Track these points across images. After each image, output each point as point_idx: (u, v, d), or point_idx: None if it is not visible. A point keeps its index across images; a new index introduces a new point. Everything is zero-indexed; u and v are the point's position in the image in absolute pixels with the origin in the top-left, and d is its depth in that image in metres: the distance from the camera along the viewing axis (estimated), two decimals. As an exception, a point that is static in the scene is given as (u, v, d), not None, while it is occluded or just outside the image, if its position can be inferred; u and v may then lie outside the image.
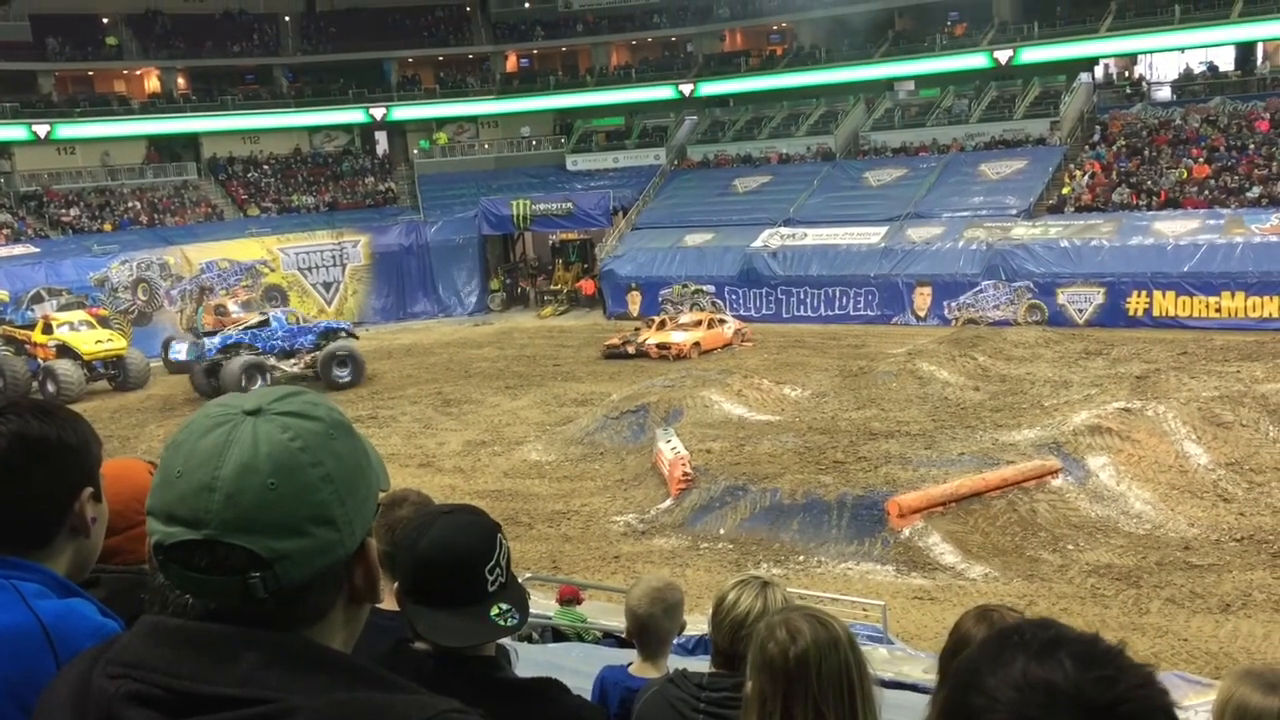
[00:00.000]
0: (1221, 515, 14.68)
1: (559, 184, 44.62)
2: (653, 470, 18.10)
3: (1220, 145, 34.28)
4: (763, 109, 45.65)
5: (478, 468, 20.06)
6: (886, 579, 13.56)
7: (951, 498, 14.78)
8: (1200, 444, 16.51)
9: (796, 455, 17.25)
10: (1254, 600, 11.97)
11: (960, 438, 17.88)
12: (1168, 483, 15.58)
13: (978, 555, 13.87)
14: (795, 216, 37.93)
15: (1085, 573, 13.18)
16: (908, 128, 41.44)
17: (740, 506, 15.78)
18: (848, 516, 14.88)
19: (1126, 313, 29.72)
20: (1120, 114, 37.76)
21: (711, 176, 42.95)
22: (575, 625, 8.07)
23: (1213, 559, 13.28)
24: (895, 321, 32.99)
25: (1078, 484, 15.50)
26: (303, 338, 29.05)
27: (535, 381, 27.40)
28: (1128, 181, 34.21)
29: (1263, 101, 35.43)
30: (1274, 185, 31.60)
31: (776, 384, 22.98)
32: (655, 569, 13.54)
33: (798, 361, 27.07)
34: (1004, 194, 35.36)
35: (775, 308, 35.47)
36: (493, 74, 50.21)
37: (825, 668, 2.03)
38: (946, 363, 23.59)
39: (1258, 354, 22.51)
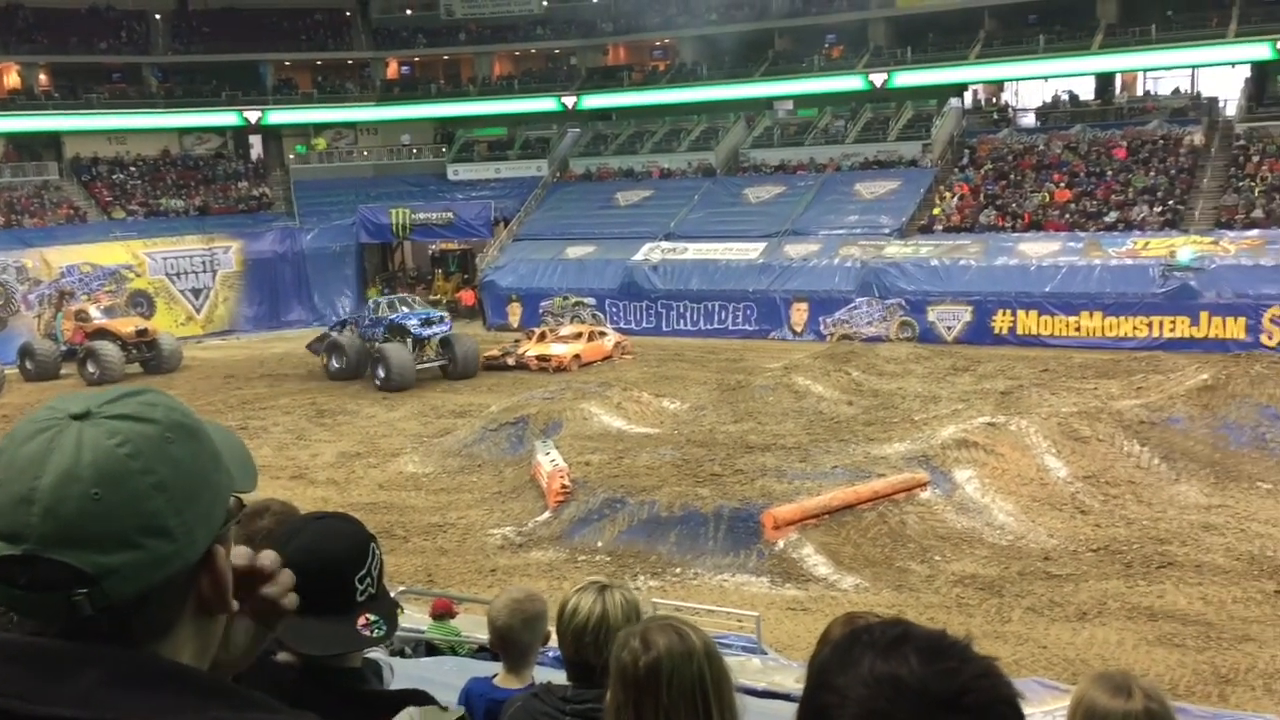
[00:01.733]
0: (1079, 527, 15.25)
1: (440, 193, 44.21)
2: (531, 482, 18.01)
3: (1081, 171, 35.76)
4: (645, 123, 45.97)
5: (352, 480, 19.68)
6: (761, 590, 13.73)
7: (825, 510, 15.05)
8: (1060, 458, 17.15)
9: (674, 468, 17.36)
10: (1108, 609, 12.46)
11: (834, 451, 18.23)
12: (1029, 495, 16.14)
13: (849, 566, 14.15)
14: (676, 231, 38.27)
15: (951, 582, 13.55)
16: (786, 146, 42.22)
17: (618, 519, 15.81)
18: (724, 529, 15.03)
19: (992, 330, 30.74)
20: (988, 138, 39.11)
21: (593, 189, 43.07)
22: (449, 639, 7.96)
23: (1071, 569, 13.79)
24: (773, 336, 33.50)
25: (945, 496, 15.94)
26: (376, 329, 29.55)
27: (413, 392, 27.03)
28: (994, 204, 35.43)
29: (1120, 130, 37.11)
30: (1130, 211, 33.08)
31: (656, 397, 23.12)
32: (532, 582, 13.46)
33: (677, 375, 27.28)
34: (878, 213, 36.26)
35: (655, 321, 35.70)
36: (373, 80, 49.51)
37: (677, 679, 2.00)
38: (822, 377, 24.05)
39: (1114, 372, 23.50)
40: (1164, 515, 15.52)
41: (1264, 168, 33.06)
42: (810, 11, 45.34)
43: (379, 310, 29.90)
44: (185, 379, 29.97)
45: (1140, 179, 34.38)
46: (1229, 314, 28.04)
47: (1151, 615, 12.19)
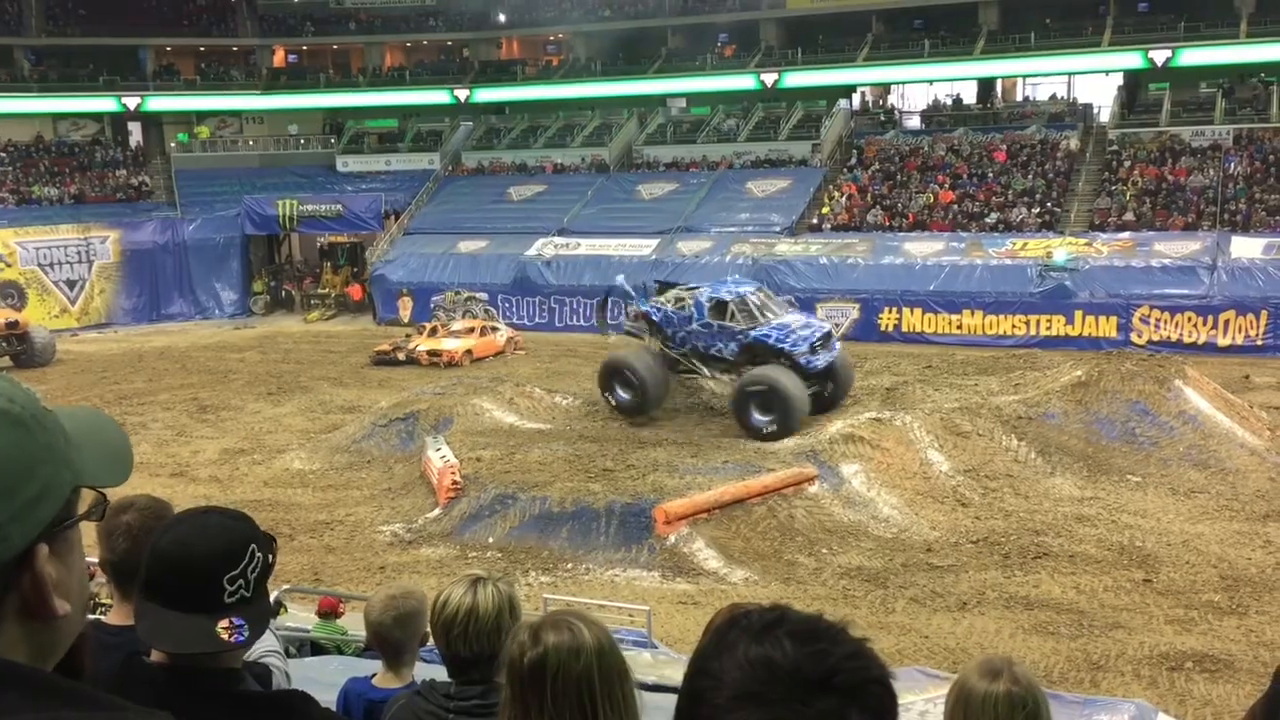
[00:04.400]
0: (960, 519, 15.69)
1: (328, 185, 43.37)
2: (421, 479, 17.82)
3: (963, 173, 36.73)
4: (539, 118, 45.78)
5: (235, 477, 19.22)
6: (653, 584, 13.81)
7: (715, 505, 15.20)
8: (942, 452, 17.60)
9: (567, 463, 17.35)
10: (987, 598, 12.84)
11: (725, 446, 18.44)
12: (913, 488, 16.54)
13: (739, 560, 14.32)
14: (569, 226, 38.20)
15: (838, 575, 13.81)
16: (679, 143, 42.47)
17: (510, 515, 15.74)
18: (616, 524, 15.07)
19: (879, 327, 31.39)
20: (875, 140, 39.90)
21: (486, 183, 42.73)
22: (335, 638, 7.83)
23: (952, 560, 14.18)
24: (665, 332, 33.63)
25: (832, 490, 16.24)
26: (719, 341, 20.14)
27: (300, 388, 26.50)
28: (881, 204, 36.17)
29: (1000, 134, 38.22)
30: (1009, 212, 34.10)
31: (548, 392, 23.05)
32: (422, 579, 13.32)
33: (570, 370, 27.26)
34: (769, 211, 36.73)
35: (548, 316, 35.60)
36: (259, 68, 48.31)
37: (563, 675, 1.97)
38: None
39: (993, 368, 24.17)
40: (1040, 507, 16.04)
41: (1135, 172, 34.38)
42: (702, 10, 45.68)
43: (717, 313, 20.00)
44: (59, 373, 28.88)
45: (1019, 182, 35.47)
46: (1101, 313, 29.14)
47: (1028, 604, 12.60)
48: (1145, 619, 12.07)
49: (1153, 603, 12.53)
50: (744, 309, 19.74)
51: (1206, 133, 35.10)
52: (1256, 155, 33.62)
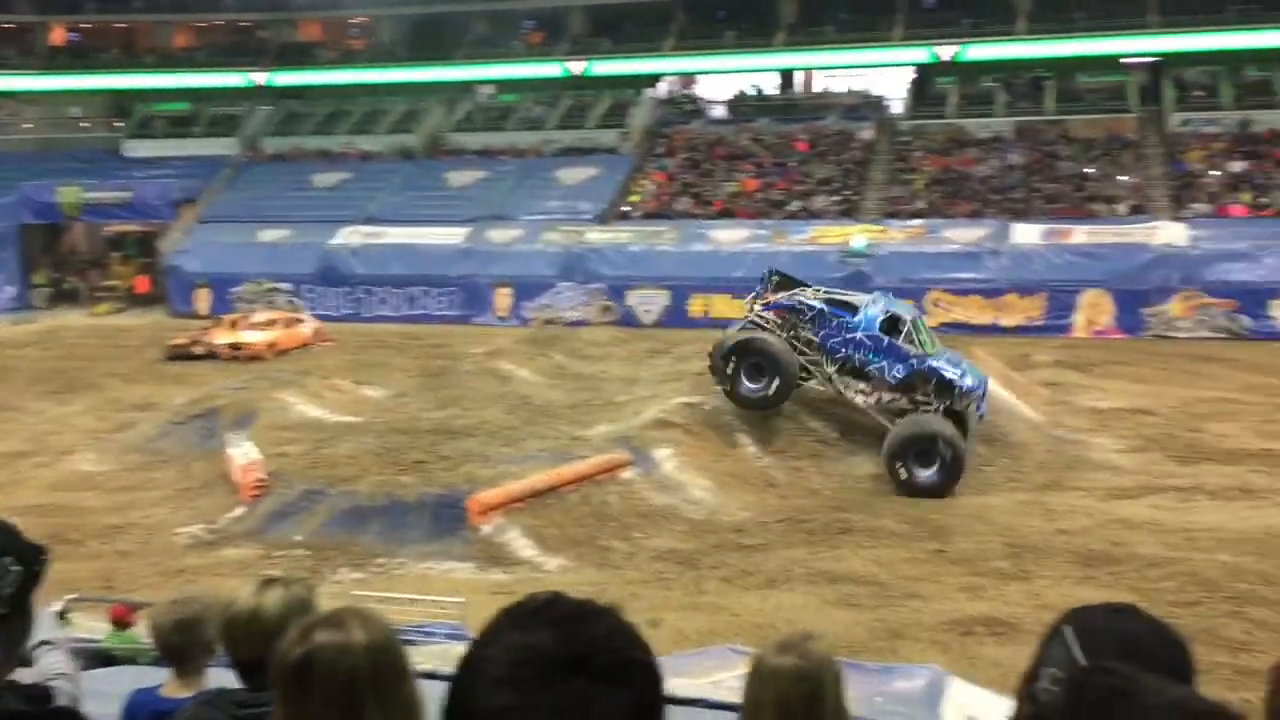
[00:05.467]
0: (768, 499, 16.16)
1: (115, 171, 41.02)
2: (223, 477, 17.14)
3: (766, 162, 37.73)
4: (342, 103, 44.54)
5: (17, 481, 18.05)
6: (468, 576, 13.70)
7: (529, 493, 15.19)
8: (750, 435, 18.02)
9: (377, 456, 17.00)
10: (794, 574, 13.27)
11: (539, 435, 18.40)
12: (723, 471, 16.92)
13: (554, 548, 14.36)
14: (376, 214, 37.38)
15: (651, 558, 14.02)
16: (488, 131, 42.13)
17: (318, 511, 15.33)
18: (429, 516, 14.88)
19: (688, 314, 31.95)
20: (682, 129, 40.54)
21: (288, 170, 41.32)
22: (129, 648, 7.45)
23: (760, 539, 14.58)
24: (476, 321, 33.40)
25: (645, 475, 16.44)
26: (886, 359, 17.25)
27: (88, 386, 25.05)
28: (689, 192, 36.80)
29: (801, 124, 39.42)
30: (811, 200, 35.23)
31: (356, 384, 22.54)
32: (224, 581, 12.82)
33: (378, 361, 26.67)
34: (579, 199, 36.84)
35: (356, 307, 34.78)
36: (35, 46, 45.30)
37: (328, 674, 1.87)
38: (526, 362, 24.20)
39: (798, 352, 24.93)
40: (843, 485, 16.68)
41: (925, 162, 36.06)
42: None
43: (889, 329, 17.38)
44: None
45: (819, 170, 36.69)
46: (897, 296, 30.34)
47: (832, 579, 13.07)
48: (939, 587, 12.71)
49: (946, 572, 13.20)
50: (914, 331, 17.30)
51: (989, 125, 37.13)
52: (1034, 146, 35.76)
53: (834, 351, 17.42)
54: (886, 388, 17.26)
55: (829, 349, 17.45)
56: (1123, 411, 20.47)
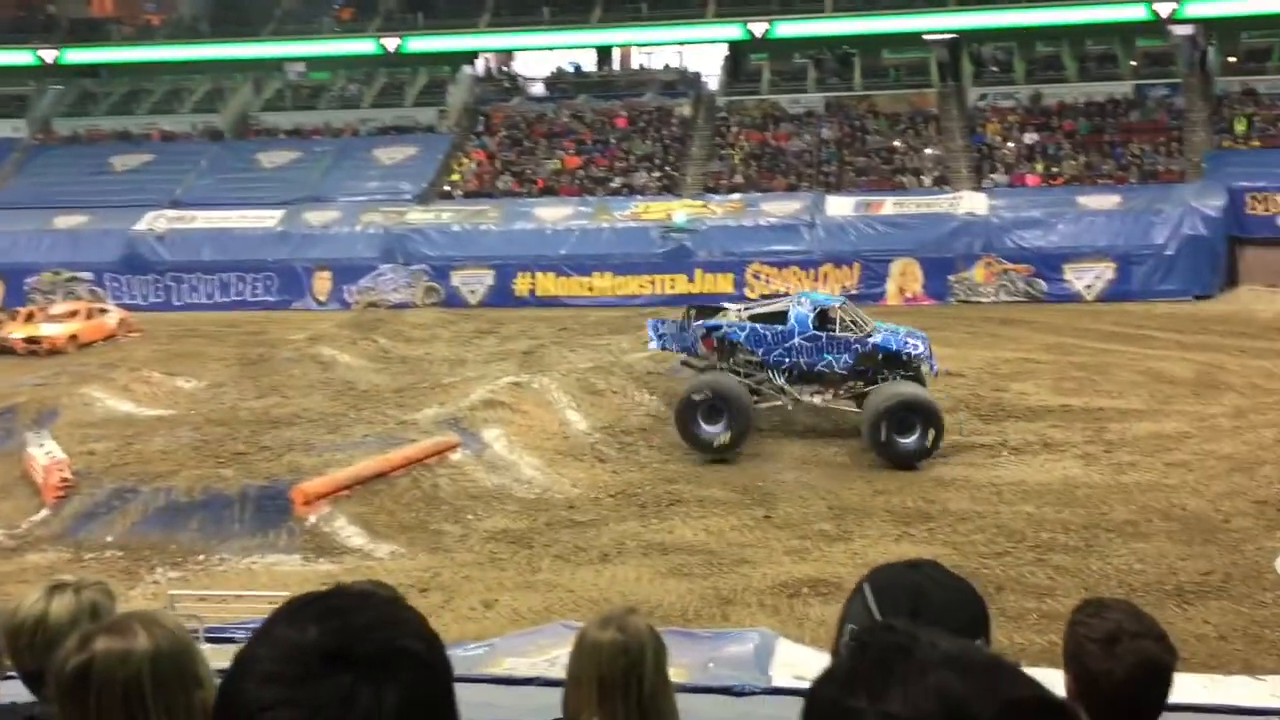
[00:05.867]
0: (599, 475, 16.27)
1: (-113, 156, 38.12)
2: (24, 479, 16.20)
3: (587, 139, 37.79)
4: (141, 82, 42.41)
5: None
6: (294, 568, 13.34)
7: (357, 480, 14.89)
8: (579, 411, 18.17)
9: (193, 450, 16.38)
10: (627, 548, 13.42)
11: (364, 420, 18.07)
12: (553, 448, 16.96)
13: (384, 534, 14.13)
14: (184, 198, 35.83)
15: (484, 540, 13.95)
16: (300, 110, 40.85)
17: (130, 510, 14.66)
18: (251, 509, 14.43)
19: (514, 293, 31.82)
20: (501, 106, 40.21)
21: (84, 153, 39.16)
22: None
23: (593, 515, 14.69)
24: (296, 307, 32.44)
25: (475, 456, 16.34)
26: (831, 354, 17.24)
27: None
28: (510, 170, 36.55)
29: (620, 100, 39.61)
30: (632, 177, 35.48)
31: (168, 376, 21.62)
32: (29, 588, 12.14)
33: (192, 351, 25.62)
34: (398, 179, 36.15)
35: (165, 295, 33.29)
36: None
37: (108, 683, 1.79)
38: (349, 346, 23.70)
39: (624, 328, 25.17)
40: (671, 457, 16.93)
41: (742, 138, 36.78)
42: (317, -30, 44.04)
43: (822, 324, 17.27)
44: None
45: (639, 147, 36.96)
46: (719, 270, 31.03)
47: (664, 550, 13.28)
48: (766, 552, 13.07)
49: (772, 536, 13.58)
50: (847, 317, 17.45)
51: (802, 100, 38.10)
52: (844, 121, 36.90)
53: (779, 364, 17.32)
54: (840, 380, 17.36)
55: (773, 363, 17.34)
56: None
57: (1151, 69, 37.13)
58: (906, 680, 0.97)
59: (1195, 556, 12.27)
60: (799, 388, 17.42)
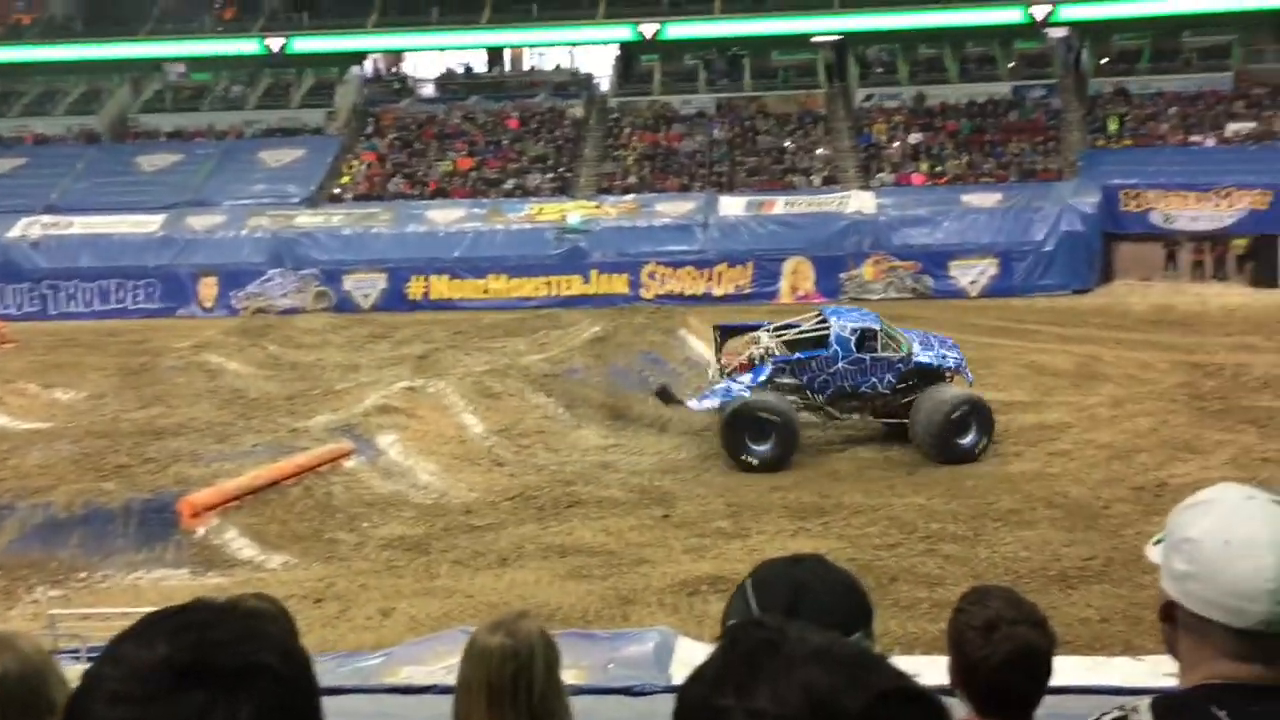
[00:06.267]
0: (496, 479, 16.16)
1: None
2: (-110, 499, 15.44)
3: (479, 140, 37.54)
4: (11, 84, 40.82)
5: None
6: (183, 583, 12.95)
7: (247, 490, 14.52)
8: (476, 415, 18.00)
9: (73, 463, 15.77)
10: (526, 551, 13.35)
11: (255, 429, 17.63)
12: (450, 453, 16.78)
13: (277, 545, 13.81)
14: (59, 203, 34.59)
15: (380, 547, 13.73)
16: (181, 111, 39.78)
17: (6, 528, 14.04)
18: (136, 523, 13.95)
19: (407, 297, 31.44)
20: (391, 108, 39.71)
21: (-50, 157, 37.55)
22: None
23: (491, 519, 14.58)
24: (180, 314, 31.58)
25: (370, 463, 16.08)
26: (875, 375, 17.01)
27: None
28: (402, 172, 36.11)
29: (512, 102, 39.44)
30: (525, 178, 35.35)
31: (45, 388, 20.84)
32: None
33: (70, 362, 24.73)
34: (286, 182, 35.44)
35: (41, 304, 32.12)
36: None
37: None
38: (236, 354, 23.12)
39: (519, 330, 25.05)
40: (569, 459, 16.91)
41: (635, 139, 36.91)
42: (197, -32, 42.93)
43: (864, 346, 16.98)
44: None
45: (532, 148, 36.85)
46: (614, 271, 31.11)
47: (563, 552, 13.24)
48: (666, 551, 13.12)
49: (671, 535, 13.64)
50: (887, 336, 17.29)
51: (693, 101, 38.43)
52: (735, 122, 37.30)
53: (823, 389, 17.02)
54: (880, 397, 17.16)
55: (816, 388, 17.01)
56: (826, 371, 21.75)
57: (1029, 70, 38.34)
58: (774, 676, 0.97)
59: (1078, 543, 12.69)
60: (839, 405, 17.19)
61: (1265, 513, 1.68)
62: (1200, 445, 16.21)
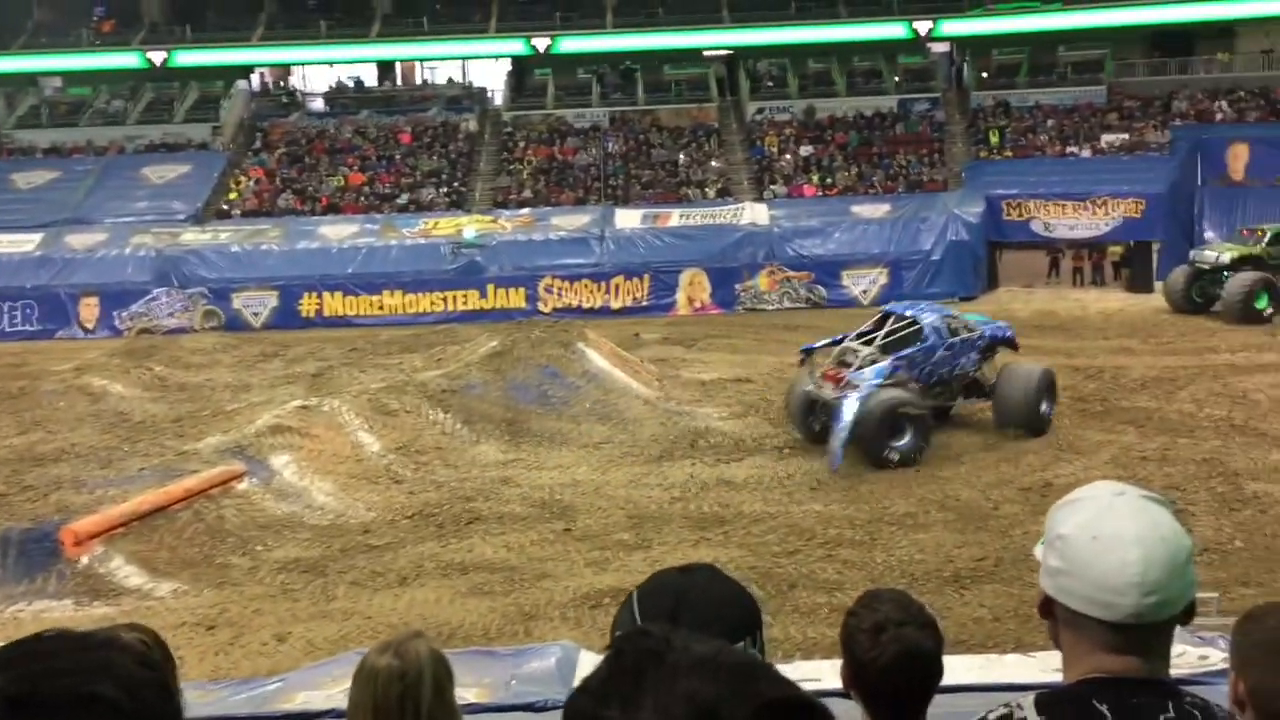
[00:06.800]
0: (395, 496, 15.92)
1: None
2: None
3: (371, 155, 37.07)
4: (-126, 97, 39.08)
5: None
6: (66, 614, 12.47)
7: (133, 517, 14.07)
8: (372, 433, 17.72)
9: (-54, 495, 15.13)
10: (426, 569, 13.18)
11: (141, 453, 17.12)
12: (346, 472, 16.49)
13: (166, 572, 13.41)
14: (-72, 223, 33.16)
15: (275, 570, 13.43)
16: (59, 127, 38.53)
17: (-125, 564, 13.41)
18: (14, 553, 13.39)
19: (300, 314, 30.85)
20: (280, 122, 38.99)
21: None
22: None
23: (389, 538, 14.36)
24: (60, 336, 30.52)
25: (263, 484, 15.71)
26: (964, 356, 17.81)
27: None
28: (292, 188, 35.46)
29: (404, 116, 39.05)
30: (419, 193, 35.01)
31: (-84, 416, 19.94)
32: None
33: (-58, 388, 23.71)
34: (170, 199, 34.53)
35: (-91, 328, 30.74)
36: None
37: None
38: (120, 376, 22.42)
39: (415, 346, 24.75)
40: (469, 475, 16.75)
41: (529, 152, 36.85)
42: (72, -21, 41.63)
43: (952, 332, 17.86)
44: None
45: (426, 163, 36.53)
46: (511, 285, 30.98)
47: (463, 569, 13.11)
48: (567, 565, 13.08)
49: (573, 549, 13.61)
50: (961, 320, 18.51)
51: (587, 115, 38.53)
52: (629, 135, 37.50)
53: (929, 378, 17.46)
54: (968, 377, 18.06)
55: (923, 378, 17.33)
56: (724, 381, 21.95)
57: (913, 84, 39.34)
58: (658, 687, 0.97)
59: (970, 544, 13.01)
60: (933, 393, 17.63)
61: (1132, 508, 1.74)
62: (1083, 446, 16.77)
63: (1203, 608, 7.90)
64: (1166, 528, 1.73)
